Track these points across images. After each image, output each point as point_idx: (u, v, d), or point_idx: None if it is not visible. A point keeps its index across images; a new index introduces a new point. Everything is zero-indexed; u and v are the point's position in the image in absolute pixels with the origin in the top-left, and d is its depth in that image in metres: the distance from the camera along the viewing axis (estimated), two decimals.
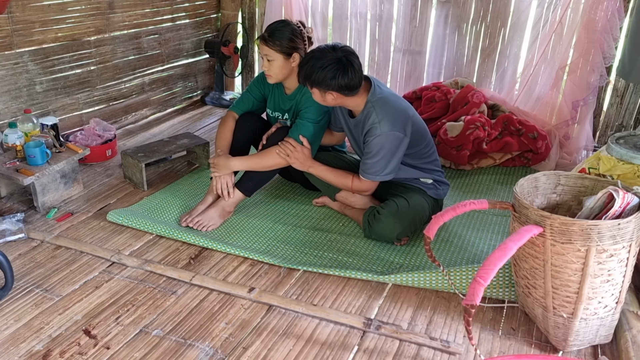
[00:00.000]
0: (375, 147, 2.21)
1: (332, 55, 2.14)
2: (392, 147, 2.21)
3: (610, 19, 2.92)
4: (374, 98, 2.22)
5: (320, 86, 2.17)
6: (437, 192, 2.41)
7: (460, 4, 3.48)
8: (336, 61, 2.13)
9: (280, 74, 2.43)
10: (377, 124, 2.19)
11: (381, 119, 2.19)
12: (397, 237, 2.29)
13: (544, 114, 3.31)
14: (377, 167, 2.25)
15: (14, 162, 2.54)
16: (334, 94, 2.18)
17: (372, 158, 2.24)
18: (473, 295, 1.46)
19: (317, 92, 2.21)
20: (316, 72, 2.14)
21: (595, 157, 2.27)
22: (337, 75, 2.12)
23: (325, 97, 2.21)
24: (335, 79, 2.13)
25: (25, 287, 2.02)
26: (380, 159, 2.23)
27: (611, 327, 1.75)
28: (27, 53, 2.97)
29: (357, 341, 1.80)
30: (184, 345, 1.76)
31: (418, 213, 2.31)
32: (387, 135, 2.19)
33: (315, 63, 2.14)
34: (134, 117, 3.76)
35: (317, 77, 2.14)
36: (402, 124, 2.22)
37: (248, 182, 2.52)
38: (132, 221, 2.43)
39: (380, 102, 2.22)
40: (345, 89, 2.16)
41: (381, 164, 2.24)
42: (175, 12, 3.84)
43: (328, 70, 2.12)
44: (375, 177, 2.28)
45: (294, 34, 2.39)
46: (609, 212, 1.60)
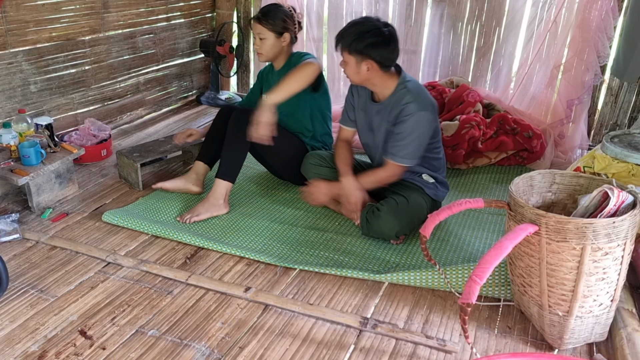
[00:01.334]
0: (409, 127, 2.18)
1: (375, 23, 2.14)
2: (425, 128, 2.20)
3: (604, 18, 2.93)
4: (405, 80, 2.23)
5: (360, 53, 2.13)
6: (437, 193, 2.41)
7: (456, 3, 3.49)
8: (379, 30, 2.12)
9: (270, 52, 2.60)
10: (412, 103, 2.17)
11: (415, 98, 2.18)
12: (395, 235, 2.28)
13: (539, 113, 3.32)
14: (410, 149, 2.22)
15: (8, 162, 2.53)
16: (370, 64, 2.14)
17: (404, 139, 2.20)
18: (469, 293, 1.47)
19: (352, 61, 2.17)
20: (358, 37, 2.11)
21: (590, 156, 2.28)
22: (379, 43, 2.11)
23: (360, 67, 2.17)
24: (376, 47, 2.11)
25: (20, 288, 2.01)
26: (413, 139, 2.20)
27: (606, 325, 1.75)
28: (21, 53, 2.95)
29: (354, 340, 1.80)
30: (180, 345, 1.76)
31: (417, 212, 2.31)
32: (421, 115, 2.17)
33: (358, 28, 2.13)
34: (129, 116, 3.74)
35: (357, 44, 2.11)
36: (433, 105, 2.24)
37: (222, 167, 2.51)
38: (127, 221, 2.42)
39: (412, 84, 2.23)
40: (384, 60, 2.14)
41: (414, 146, 2.21)
42: (170, 12, 3.83)
43: (371, 36, 2.10)
44: (408, 160, 2.24)
45: (286, 15, 2.57)
46: (604, 211, 1.60)
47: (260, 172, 2.94)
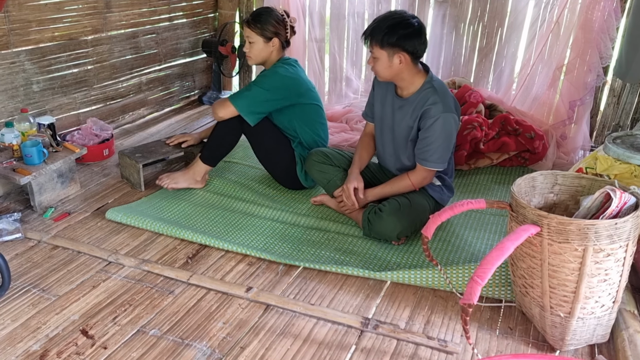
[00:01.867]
0: (437, 130, 2.17)
1: (404, 15, 2.16)
2: (452, 130, 2.21)
3: (607, 19, 2.93)
4: (432, 79, 2.24)
5: (392, 46, 2.13)
6: (442, 197, 2.40)
7: (458, 4, 3.48)
8: (409, 22, 2.14)
9: (259, 56, 2.63)
10: (438, 104, 2.16)
11: (442, 98, 2.18)
12: (397, 236, 2.28)
13: (541, 114, 3.32)
14: (440, 153, 2.22)
15: (10, 161, 2.53)
16: (403, 56, 2.14)
17: (433, 143, 2.20)
18: (470, 294, 1.46)
19: (384, 55, 2.16)
20: (390, 30, 2.12)
21: (592, 157, 2.28)
22: (411, 34, 2.12)
23: (392, 60, 2.16)
24: (409, 38, 2.12)
25: (22, 287, 2.02)
26: (442, 142, 2.20)
27: (608, 327, 1.75)
28: (24, 52, 2.96)
29: (355, 340, 1.80)
30: (182, 345, 1.76)
31: (419, 214, 2.30)
32: (448, 116, 2.17)
33: (388, 22, 2.14)
34: (131, 116, 3.75)
35: (390, 36, 2.11)
36: (457, 109, 2.25)
37: (205, 150, 2.68)
38: (131, 219, 2.43)
39: (439, 84, 2.24)
40: (416, 51, 2.15)
41: (443, 148, 2.21)
42: (172, 12, 3.83)
43: (402, 28, 2.12)
44: (439, 164, 2.24)
45: (276, 20, 2.58)
46: (606, 212, 1.60)
47: (263, 172, 2.94)
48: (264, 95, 2.56)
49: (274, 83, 2.58)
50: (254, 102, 2.55)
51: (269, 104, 2.59)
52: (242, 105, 2.55)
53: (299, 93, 2.64)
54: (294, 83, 2.61)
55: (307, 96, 2.68)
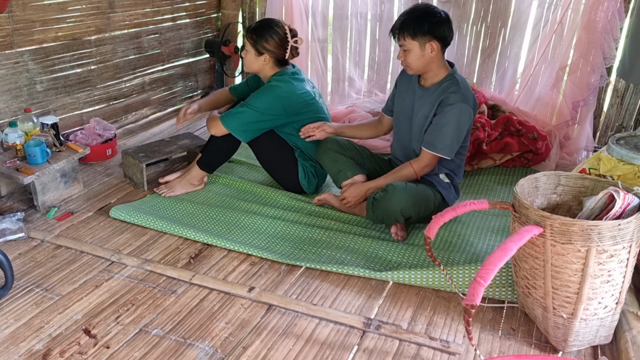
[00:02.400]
0: (449, 117, 2.21)
1: (430, 6, 2.24)
2: (464, 121, 2.24)
3: (610, 19, 2.92)
4: (456, 72, 2.30)
5: (425, 33, 2.18)
6: (448, 195, 2.41)
7: (461, 5, 3.48)
8: (436, 10, 2.21)
9: (250, 67, 2.62)
10: (456, 94, 2.21)
11: (461, 89, 2.23)
12: (402, 212, 2.25)
13: (544, 115, 3.31)
14: (448, 141, 2.24)
15: (14, 161, 2.54)
16: (435, 45, 2.20)
17: (443, 128, 2.23)
18: (473, 295, 1.46)
19: (415, 46, 2.21)
20: (421, 19, 2.18)
21: (596, 158, 2.27)
22: (441, 21, 2.19)
23: (425, 50, 2.21)
24: (440, 25, 2.18)
25: (25, 287, 2.02)
26: (452, 130, 2.23)
27: (611, 328, 1.75)
28: (28, 52, 2.97)
29: (357, 341, 1.80)
30: (184, 344, 1.76)
31: (424, 199, 2.30)
32: (463, 106, 2.21)
33: (416, 14, 2.21)
34: (134, 116, 3.76)
35: (422, 25, 2.17)
36: (474, 103, 2.28)
37: (203, 157, 2.68)
38: (134, 217, 2.44)
39: (461, 78, 2.30)
40: (446, 39, 2.22)
41: (452, 137, 2.24)
42: (175, 12, 3.84)
43: (431, 16, 2.18)
44: (445, 152, 2.26)
45: (275, 38, 2.52)
46: (609, 213, 1.60)
47: (264, 172, 2.94)
48: (255, 117, 2.52)
49: (266, 104, 2.52)
50: (244, 122, 2.53)
51: (261, 124, 2.56)
52: (233, 125, 2.53)
53: (294, 112, 2.58)
54: (288, 103, 2.55)
55: (306, 112, 2.61)
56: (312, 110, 2.63)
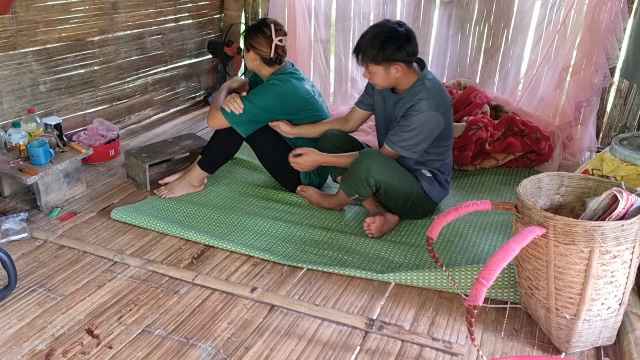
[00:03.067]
0: (416, 122, 2.22)
1: (390, 26, 2.19)
2: (431, 127, 2.23)
3: (614, 19, 2.91)
4: (425, 77, 2.27)
5: (387, 60, 2.18)
6: (430, 189, 2.41)
7: (464, 5, 3.48)
8: (396, 31, 2.17)
9: (248, 65, 2.65)
10: (424, 100, 2.20)
11: (429, 96, 2.21)
12: (372, 175, 2.25)
13: (547, 115, 3.31)
14: (411, 142, 2.26)
15: (17, 161, 2.55)
16: (399, 65, 2.19)
17: (408, 132, 2.24)
18: (476, 296, 1.46)
19: (380, 70, 2.21)
20: (382, 47, 2.16)
21: (599, 158, 2.27)
22: (403, 44, 2.16)
23: (389, 72, 2.22)
24: (402, 49, 2.16)
25: (28, 287, 2.03)
26: (416, 134, 2.23)
27: (614, 329, 1.74)
28: (31, 53, 2.97)
29: (359, 342, 1.80)
30: (186, 345, 1.76)
31: (399, 179, 2.31)
32: (430, 114, 2.21)
33: (378, 38, 2.17)
34: (137, 117, 3.76)
35: (384, 52, 2.16)
36: (445, 110, 2.26)
37: (204, 157, 2.69)
38: (135, 219, 2.44)
39: (431, 82, 2.26)
40: (409, 57, 2.20)
41: (415, 140, 2.25)
42: (178, 13, 3.84)
43: (392, 41, 2.15)
44: (402, 149, 2.28)
45: (260, 35, 2.54)
46: (612, 214, 1.59)
47: (266, 172, 2.94)
48: (254, 112, 2.54)
49: (265, 101, 2.54)
50: (245, 117, 2.54)
51: (261, 122, 2.59)
52: (233, 119, 2.54)
53: (293, 110, 2.60)
54: (287, 101, 2.56)
55: (305, 110, 2.63)
56: (311, 109, 2.64)
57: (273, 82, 2.57)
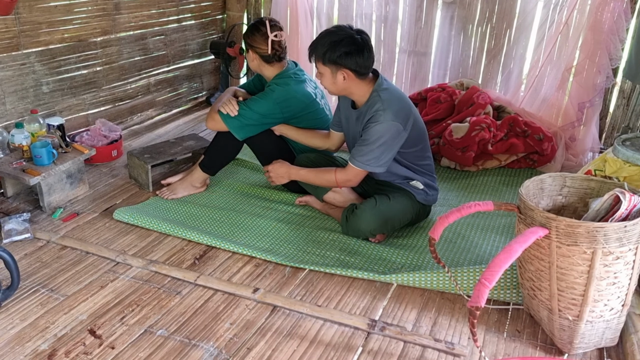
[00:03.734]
0: (374, 134, 2.16)
1: (348, 31, 2.13)
2: (391, 138, 2.17)
3: (616, 20, 2.91)
4: (380, 88, 2.20)
5: (334, 63, 2.13)
6: (427, 198, 2.40)
7: (466, 5, 3.47)
8: (352, 38, 2.11)
9: (250, 65, 2.64)
10: (381, 112, 2.15)
11: (386, 107, 2.15)
12: (371, 232, 2.29)
13: (550, 116, 3.30)
14: (371, 156, 2.20)
15: (20, 162, 2.55)
16: (346, 72, 2.14)
17: (368, 145, 2.19)
18: (478, 297, 1.46)
19: (327, 72, 2.17)
20: (331, 47, 2.11)
21: (602, 159, 2.27)
22: (353, 52, 2.10)
23: (336, 77, 2.16)
24: (350, 56, 2.10)
25: (31, 287, 2.03)
26: (376, 147, 2.18)
27: (617, 330, 1.74)
28: (34, 54, 2.98)
29: (362, 342, 1.80)
30: (189, 345, 1.76)
31: (398, 213, 2.30)
32: (389, 125, 2.14)
33: (330, 38, 2.12)
34: (139, 117, 3.77)
35: (331, 53, 2.11)
36: (405, 117, 2.19)
37: (205, 159, 2.69)
38: (138, 219, 2.44)
39: (386, 92, 2.20)
40: (358, 68, 2.13)
41: (376, 153, 2.19)
42: (180, 13, 3.85)
43: (343, 45, 2.10)
44: (366, 165, 2.22)
45: (255, 34, 2.54)
46: (615, 215, 1.59)
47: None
48: (254, 118, 2.53)
49: (264, 109, 2.52)
50: (243, 122, 2.53)
51: (259, 127, 2.57)
52: (231, 123, 2.53)
53: (292, 115, 2.58)
54: (286, 106, 2.54)
55: (304, 114, 2.61)
56: (312, 112, 2.63)
57: (272, 87, 2.56)
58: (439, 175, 3.05)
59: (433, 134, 3.20)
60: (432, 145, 3.16)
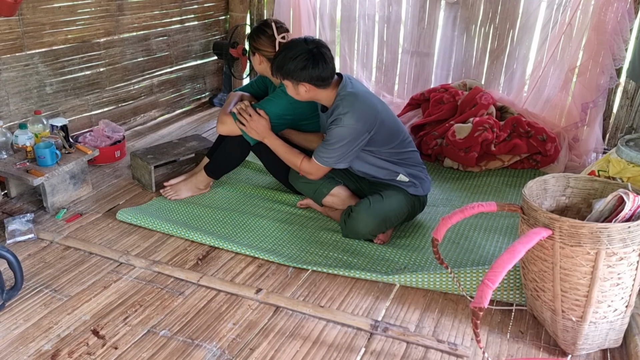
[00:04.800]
0: (335, 136, 2.22)
1: (303, 46, 2.18)
2: (351, 140, 2.22)
3: (620, 20, 2.90)
4: (343, 92, 2.24)
5: (292, 77, 2.20)
6: (417, 189, 2.40)
7: (469, 6, 3.47)
8: (307, 52, 2.16)
9: (256, 68, 2.62)
10: (342, 116, 2.20)
11: (347, 111, 2.20)
12: (370, 233, 2.30)
13: (553, 116, 3.30)
14: (331, 155, 2.26)
15: (24, 162, 2.56)
16: (306, 85, 2.20)
17: (329, 146, 2.25)
18: (481, 297, 1.46)
19: (289, 84, 2.24)
20: (287, 63, 2.17)
21: (605, 160, 2.26)
22: (308, 66, 2.15)
23: (298, 89, 2.23)
24: (305, 70, 2.16)
25: (34, 287, 2.04)
26: (336, 148, 2.24)
27: (621, 331, 1.73)
28: (38, 55, 2.99)
29: (364, 343, 1.79)
30: (192, 345, 1.77)
31: (393, 209, 2.31)
32: (349, 128, 2.20)
33: (286, 54, 2.18)
34: (142, 118, 3.78)
35: (288, 68, 2.18)
36: (367, 119, 2.22)
37: (210, 164, 2.69)
38: (141, 220, 2.45)
39: (349, 95, 2.23)
40: (316, 80, 2.19)
41: (336, 153, 2.25)
42: (183, 14, 3.86)
43: (299, 61, 2.15)
44: (327, 163, 2.29)
45: (261, 37, 2.51)
46: (619, 215, 1.59)
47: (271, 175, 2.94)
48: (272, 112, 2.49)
49: (278, 110, 2.49)
50: None
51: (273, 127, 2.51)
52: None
53: (302, 116, 2.56)
54: (299, 109, 2.51)
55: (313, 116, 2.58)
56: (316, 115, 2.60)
57: (283, 88, 2.49)
58: (442, 175, 3.05)
59: (436, 134, 3.20)
60: (435, 146, 3.16)
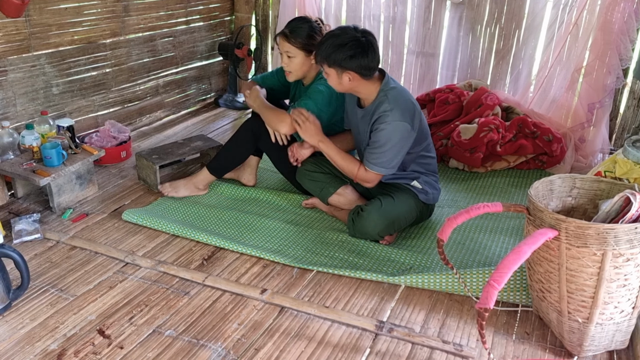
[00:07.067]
0: (384, 136, 2.17)
1: (352, 34, 2.13)
2: (401, 138, 2.18)
3: (627, 20, 2.89)
4: (387, 87, 2.21)
5: (339, 66, 2.13)
6: (427, 197, 2.39)
7: (474, 6, 3.46)
8: (356, 40, 2.11)
9: (300, 70, 2.49)
10: (388, 112, 2.16)
11: (393, 107, 2.16)
12: (379, 234, 2.29)
13: (559, 117, 3.28)
14: (385, 158, 2.21)
15: (30, 163, 2.57)
16: (351, 74, 2.14)
17: (380, 148, 2.20)
18: (487, 298, 1.45)
19: (333, 73, 2.17)
20: (336, 50, 2.11)
21: (612, 160, 2.25)
22: (357, 54, 2.11)
23: (342, 78, 2.17)
24: (354, 58, 2.11)
25: (40, 287, 2.05)
26: (388, 149, 2.19)
27: (627, 333, 1.72)
28: (44, 56, 3.00)
29: (369, 344, 1.79)
30: (197, 345, 1.77)
31: (403, 213, 2.30)
32: (397, 125, 2.15)
33: (334, 41, 2.12)
34: (148, 119, 3.79)
35: (336, 56, 2.12)
36: (412, 116, 2.20)
37: (214, 161, 2.67)
38: (146, 220, 2.45)
39: (393, 91, 2.20)
40: (363, 70, 2.13)
41: (389, 155, 2.20)
42: (189, 15, 3.87)
43: (348, 48, 2.10)
44: (382, 168, 2.24)
45: (314, 31, 2.43)
46: (625, 216, 1.58)
47: (277, 175, 2.94)
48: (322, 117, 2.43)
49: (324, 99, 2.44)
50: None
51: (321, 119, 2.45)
52: None
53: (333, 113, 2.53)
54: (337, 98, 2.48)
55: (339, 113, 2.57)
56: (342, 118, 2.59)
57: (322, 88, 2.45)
58: (447, 176, 3.04)
59: (441, 135, 3.19)
60: (440, 146, 3.15)
